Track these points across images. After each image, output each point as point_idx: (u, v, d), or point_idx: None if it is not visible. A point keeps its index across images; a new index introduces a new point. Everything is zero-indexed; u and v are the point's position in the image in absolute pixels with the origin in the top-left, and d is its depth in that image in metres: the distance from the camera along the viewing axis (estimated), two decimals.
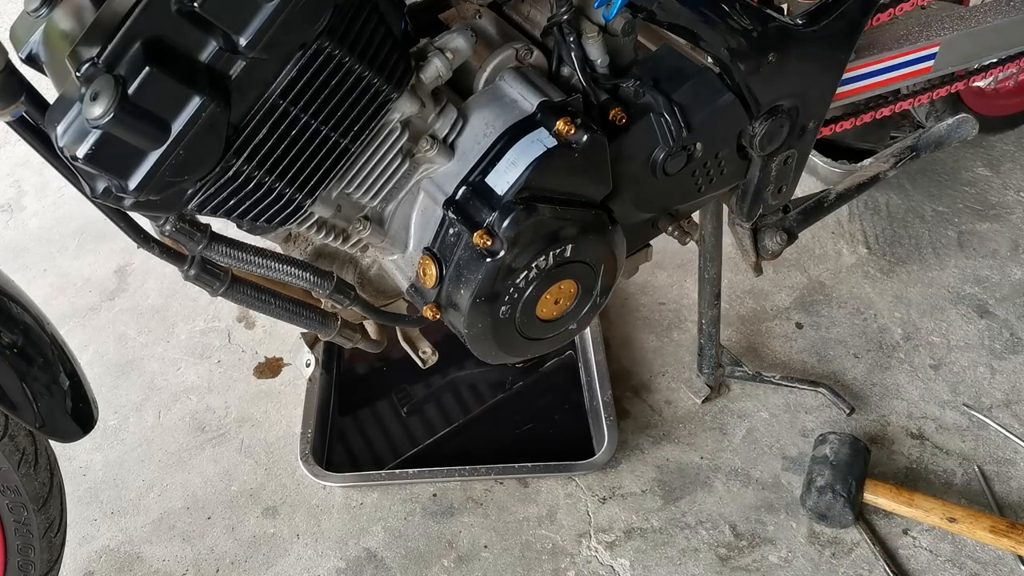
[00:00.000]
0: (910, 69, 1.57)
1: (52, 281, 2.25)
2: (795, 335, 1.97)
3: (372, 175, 1.15)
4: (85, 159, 0.91)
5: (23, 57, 1.05)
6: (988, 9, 1.63)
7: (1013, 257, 2.08)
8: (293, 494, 1.77)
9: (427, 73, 1.11)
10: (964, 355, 1.90)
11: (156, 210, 1.03)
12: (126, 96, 0.88)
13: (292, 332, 2.00)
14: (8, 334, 1.21)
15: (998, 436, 1.75)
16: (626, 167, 1.25)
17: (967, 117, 1.67)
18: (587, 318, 1.34)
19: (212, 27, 0.91)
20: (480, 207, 1.15)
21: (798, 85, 1.36)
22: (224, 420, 1.91)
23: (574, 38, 1.17)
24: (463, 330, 1.23)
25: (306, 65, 0.98)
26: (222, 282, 1.17)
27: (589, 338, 1.94)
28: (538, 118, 1.15)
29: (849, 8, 1.34)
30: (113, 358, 2.05)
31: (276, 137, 1.01)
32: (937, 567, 1.58)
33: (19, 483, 1.28)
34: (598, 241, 1.24)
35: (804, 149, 1.45)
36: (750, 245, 1.60)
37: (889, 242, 2.14)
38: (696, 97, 1.26)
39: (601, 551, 1.65)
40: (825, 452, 1.64)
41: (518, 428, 1.89)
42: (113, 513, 1.77)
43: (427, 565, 1.65)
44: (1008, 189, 2.24)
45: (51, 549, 1.38)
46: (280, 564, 1.68)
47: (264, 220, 1.09)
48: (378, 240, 1.24)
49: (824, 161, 2.04)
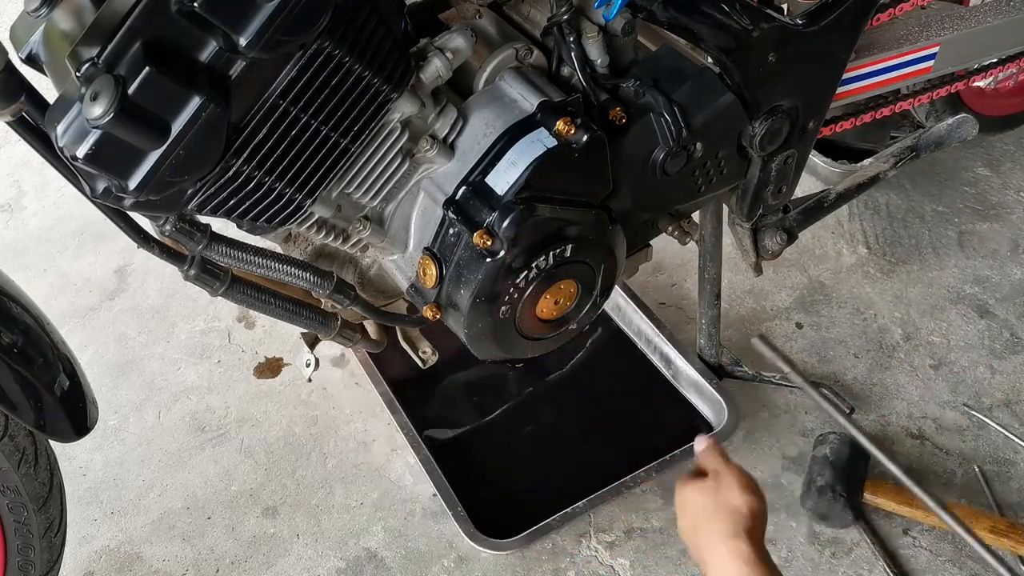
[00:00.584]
0: (910, 69, 1.57)
1: (52, 281, 2.25)
2: (795, 335, 1.97)
3: (372, 175, 1.15)
4: (85, 159, 0.91)
5: (23, 57, 1.05)
6: (988, 9, 1.63)
7: (1013, 257, 2.08)
8: (293, 494, 1.77)
9: (427, 73, 1.11)
10: (964, 355, 1.90)
11: (156, 210, 1.03)
12: (126, 96, 0.88)
13: (292, 332, 2.00)
14: (8, 334, 1.21)
15: (998, 436, 1.75)
16: (626, 167, 1.25)
17: (967, 117, 1.67)
18: (587, 318, 1.34)
19: (212, 27, 0.91)
20: (480, 207, 1.15)
21: (798, 85, 1.36)
22: (224, 420, 1.91)
23: (574, 38, 1.17)
24: (463, 330, 1.23)
25: (306, 65, 0.98)
26: (222, 282, 1.17)
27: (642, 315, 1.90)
28: (538, 118, 1.15)
29: (849, 8, 1.34)
30: (113, 358, 2.05)
31: (276, 137, 1.01)
32: (937, 567, 1.58)
33: (19, 483, 1.28)
34: (598, 241, 1.24)
35: (804, 149, 1.45)
36: (750, 245, 1.59)
37: (889, 242, 2.14)
38: (696, 97, 1.26)
39: (601, 551, 1.65)
40: (825, 452, 1.64)
41: (603, 425, 1.81)
42: (113, 513, 1.77)
43: (427, 565, 1.65)
44: (1008, 189, 2.23)
45: (51, 549, 1.38)
46: (280, 564, 1.68)
47: (264, 220, 1.09)
48: (378, 240, 1.23)
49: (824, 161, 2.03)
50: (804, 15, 1.34)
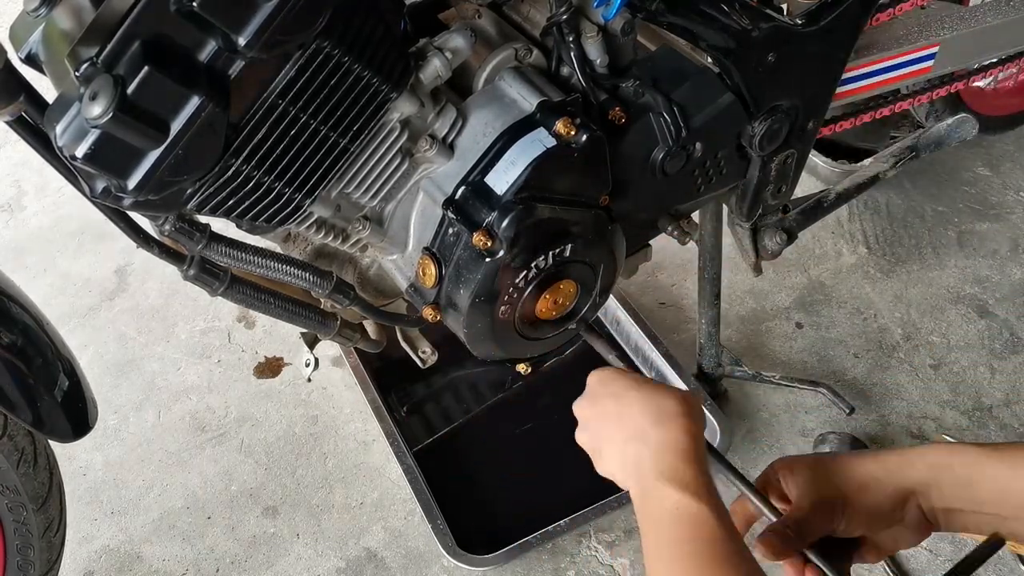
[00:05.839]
0: (910, 69, 1.57)
1: (52, 281, 2.25)
2: (795, 335, 1.97)
3: (371, 175, 1.15)
4: (84, 159, 0.91)
5: (22, 57, 1.05)
6: (988, 9, 1.63)
7: (1013, 257, 2.08)
8: (293, 494, 1.77)
9: (426, 73, 1.11)
10: (964, 355, 1.90)
11: (155, 210, 1.02)
12: (125, 96, 0.88)
13: (292, 332, 2.00)
14: (8, 334, 1.21)
15: (998, 436, 1.75)
16: (626, 167, 1.24)
17: (967, 117, 1.67)
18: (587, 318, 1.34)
19: (211, 27, 0.91)
20: (479, 207, 1.15)
21: (798, 85, 1.36)
22: (224, 420, 1.91)
23: (573, 38, 1.17)
24: (462, 330, 1.23)
25: (305, 65, 0.98)
26: (221, 282, 1.17)
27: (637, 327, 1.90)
28: (537, 118, 1.15)
29: (849, 8, 1.34)
30: (113, 358, 2.05)
31: (275, 137, 1.01)
32: (937, 567, 1.58)
33: (18, 483, 1.28)
34: (597, 241, 1.24)
35: (804, 149, 1.45)
36: (750, 245, 1.59)
37: (889, 242, 2.14)
38: (696, 97, 1.26)
39: (601, 551, 1.65)
40: (825, 452, 1.64)
41: None
42: (113, 513, 1.77)
43: (427, 565, 1.65)
44: (1008, 189, 2.23)
45: (50, 549, 1.39)
46: (280, 564, 1.68)
47: (263, 220, 1.09)
48: (377, 240, 1.23)
49: (824, 161, 2.04)
50: (804, 15, 1.34)
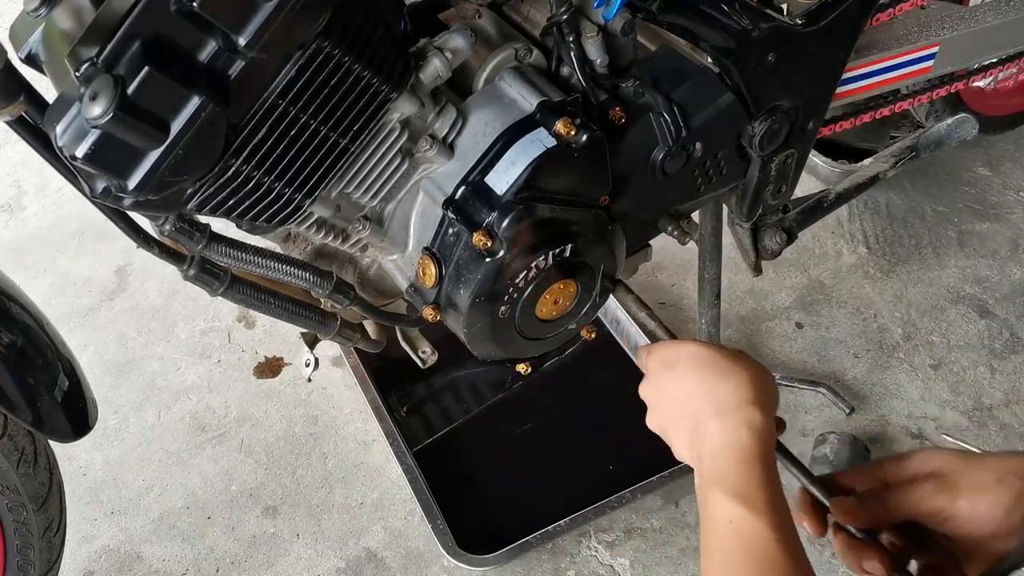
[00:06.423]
0: (910, 69, 1.57)
1: (52, 281, 2.25)
2: (795, 335, 1.97)
3: (371, 175, 1.15)
4: (84, 159, 0.91)
5: (22, 57, 1.05)
6: (988, 9, 1.63)
7: (1013, 257, 2.08)
8: (293, 494, 1.77)
9: (426, 73, 1.11)
10: (964, 355, 1.90)
11: (155, 210, 1.02)
12: (125, 96, 0.88)
13: (292, 332, 2.00)
14: (8, 334, 1.21)
15: (998, 436, 1.75)
16: (626, 167, 1.24)
17: (967, 117, 1.67)
18: (586, 318, 1.34)
19: (211, 27, 0.91)
20: (479, 207, 1.15)
21: (798, 85, 1.36)
22: (224, 420, 1.91)
23: (573, 38, 1.17)
24: (462, 330, 1.23)
25: (305, 65, 0.98)
26: (221, 282, 1.17)
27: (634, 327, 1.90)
28: (537, 118, 1.15)
29: (849, 8, 1.34)
30: (113, 358, 2.05)
31: (275, 137, 1.01)
32: None
33: (18, 483, 1.28)
34: (597, 241, 1.24)
35: (804, 149, 1.45)
36: (750, 245, 1.59)
37: (889, 242, 2.14)
38: (696, 97, 1.26)
39: (601, 551, 1.65)
40: (825, 452, 1.64)
41: (593, 438, 1.81)
42: (113, 513, 1.77)
43: (427, 565, 1.65)
44: (1008, 189, 2.23)
45: (50, 549, 1.39)
46: (280, 564, 1.68)
47: (263, 220, 1.09)
48: (377, 240, 1.23)
49: (824, 161, 2.04)
50: (804, 15, 1.33)
